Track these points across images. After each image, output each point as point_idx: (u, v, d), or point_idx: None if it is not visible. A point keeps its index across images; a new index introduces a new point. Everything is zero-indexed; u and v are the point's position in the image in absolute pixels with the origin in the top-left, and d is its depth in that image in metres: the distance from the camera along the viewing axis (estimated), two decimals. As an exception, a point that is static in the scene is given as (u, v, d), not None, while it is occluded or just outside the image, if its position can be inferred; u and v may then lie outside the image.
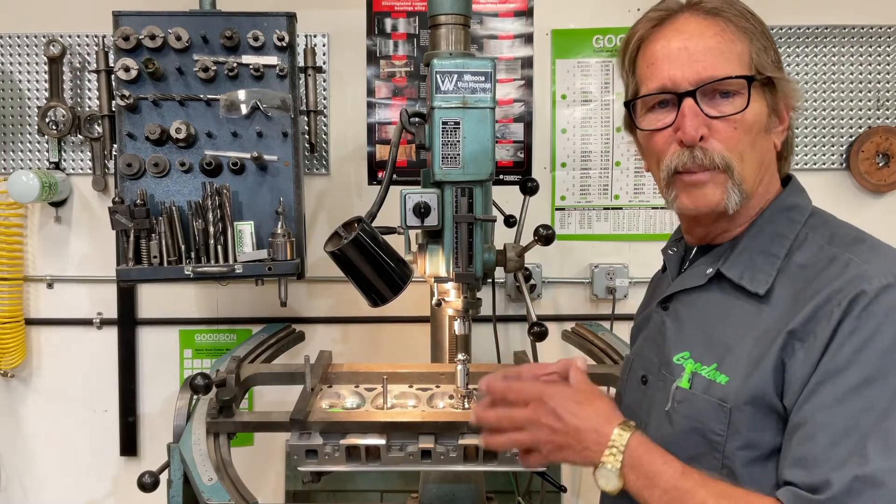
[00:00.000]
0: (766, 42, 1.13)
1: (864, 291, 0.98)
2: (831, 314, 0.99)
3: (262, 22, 2.05)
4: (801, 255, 1.09)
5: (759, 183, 1.15)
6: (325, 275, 2.52)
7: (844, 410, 0.95)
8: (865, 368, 0.95)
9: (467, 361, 1.82)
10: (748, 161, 1.11)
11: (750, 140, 1.11)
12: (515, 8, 2.59)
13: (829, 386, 0.97)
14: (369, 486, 2.53)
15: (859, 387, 0.95)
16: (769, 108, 1.13)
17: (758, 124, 1.12)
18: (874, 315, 0.96)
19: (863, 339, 0.96)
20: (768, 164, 1.17)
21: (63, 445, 2.69)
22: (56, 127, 2.50)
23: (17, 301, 2.59)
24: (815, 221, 1.14)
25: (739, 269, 1.13)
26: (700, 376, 1.12)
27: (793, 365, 1.01)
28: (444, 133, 1.69)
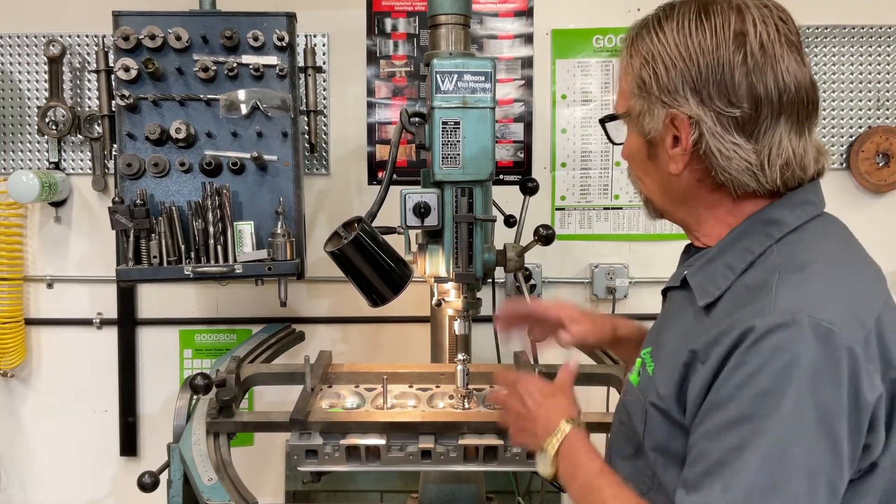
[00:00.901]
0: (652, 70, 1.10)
1: (755, 327, 0.96)
2: (724, 342, 0.99)
3: (261, 22, 2.05)
4: (753, 275, 1.07)
5: (672, 203, 1.19)
6: (325, 275, 2.52)
7: (719, 443, 0.97)
8: (742, 406, 0.95)
9: (467, 361, 1.82)
10: (646, 183, 1.22)
11: (638, 166, 1.22)
12: (515, 8, 2.59)
13: (711, 417, 0.99)
14: (369, 486, 2.53)
15: (735, 423, 0.95)
16: (646, 138, 1.15)
17: (634, 154, 1.21)
18: (760, 353, 0.95)
19: (745, 376, 0.95)
20: (670, 188, 1.16)
21: (63, 445, 2.69)
22: (56, 127, 2.50)
23: (17, 301, 2.59)
24: (792, 238, 1.08)
25: (699, 279, 1.13)
26: (646, 373, 1.17)
27: (691, 385, 1.03)
28: (444, 133, 1.69)
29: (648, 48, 1.11)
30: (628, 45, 1.17)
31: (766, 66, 1.05)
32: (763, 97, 1.05)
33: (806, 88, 1.08)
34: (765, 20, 1.06)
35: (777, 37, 1.06)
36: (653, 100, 1.11)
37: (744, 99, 1.05)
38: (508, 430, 1.40)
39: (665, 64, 1.09)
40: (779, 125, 1.07)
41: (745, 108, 1.05)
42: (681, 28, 1.08)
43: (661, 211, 1.23)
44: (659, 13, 1.13)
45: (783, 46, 1.06)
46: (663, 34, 1.10)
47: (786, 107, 1.06)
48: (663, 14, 1.12)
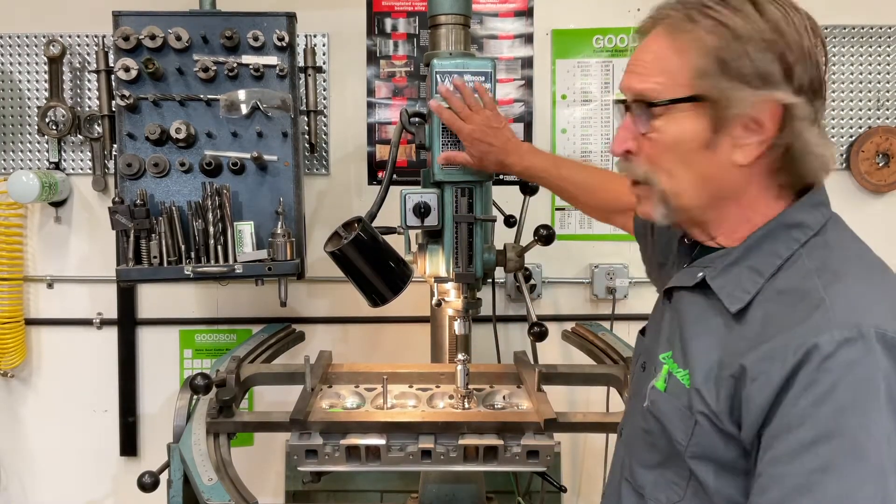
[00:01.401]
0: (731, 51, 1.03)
1: (821, 344, 0.93)
2: (785, 359, 0.95)
3: (261, 22, 2.05)
4: (784, 280, 1.04)
5: (711, 198, 1.10)
6: (325, 275, 2.52)
7: (795, 467, 0.93)
8: (819, 426, 0.92)
9: (467, 361, 1.82)
10: (679, 177, 1.08)
11: (675, 158, 1.08)
12: (515, 8, 2.59)
13: (783, 440, 0.95)
14: (369, 486, 2.53)
15: (813, 443, 0.92)
16: (712, 125, 1.05)
17: (683, 143, 1.07)
18: (831, 370, 0.92)
19: (819, 394, 0.92)
20: (720, 181, 1.08)
21: (63, 445, 2.69)
22: (56, 127, 2.50)
23: (17, 301, 2.59)
24: (818, 241, 1.07)
25: (722, 282, 1.10)
26: (675, 379, 1.11)
27: (746, 400, 0.99)
28: (444, 133, 1.69)
29: (728, 27, 1.02)
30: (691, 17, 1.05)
31: (826, 59, 1.07)
32: (824, 91, 1.06)
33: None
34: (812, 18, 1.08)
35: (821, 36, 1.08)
36: (738, 83, 1.02)
37: (822, 88, 1.05)
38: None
39: (758, 44, 1.02)
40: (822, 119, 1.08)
41: (823, 97, 1.05)
42: (761, 10, 1.03)
43: (681, 210, 1.11)
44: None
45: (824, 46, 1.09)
46: (744, 13, 1.03)
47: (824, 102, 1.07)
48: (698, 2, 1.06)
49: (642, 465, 1.18)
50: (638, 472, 1.18)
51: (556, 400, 1.81)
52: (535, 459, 1.67)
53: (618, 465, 1.27)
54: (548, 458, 1.67)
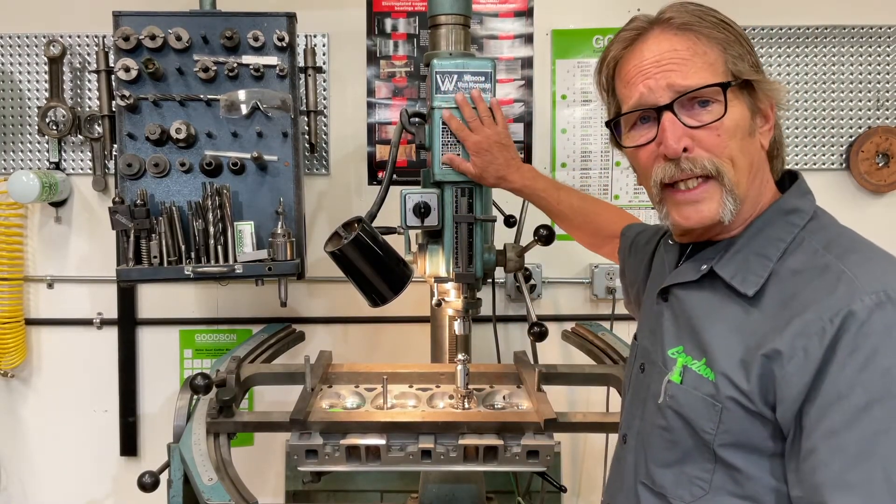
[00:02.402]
0: (742, 49, 1.13)
1: (856, 311, 0.96)
2: (823, 332, 0.97)
3: (262, 22, 2.05)
4: (795, 260, 1.08)
5: (752, 185, 1.15)
6: (325, 275, 2.52)
7: (854, 434, 0.94)
8: (870, 389, 0.94)
9: (467, 361, 1.82)
10: (739, 165, 1.11)
11: (736, 144, 1.11)
12: (515, 8, 2.59)
13: (835, 410, 0.96)
14: (369, 486, 2.53)
15: (867, 408, 0.94)
16: (750, 111, 1.13)
17: (741, 128, 1.12)
18: (871, 334, 0.95)
19: (863, 359, 0.95)
20: (759, 166, 1.16)
21: (63, 445, 2.70)
22: (56, 127, 2.50)
23: (17, 301, 2.59)
24: (814, 225, 1.12)
25: (732, 270, 1.13)
26: (691, 371, 1.13)
27: (782, 379, 1.00)
28: (444, 133, 1.69)
29: (729, 22, 1.15)
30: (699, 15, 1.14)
31: None
32: None
33: None
34: None
35: None
36: (754, 72, 1.13)
37: None
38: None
39: (745, 39, 1.15)
40: None
41: None
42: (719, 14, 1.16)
43: (741, 200, 1.13)
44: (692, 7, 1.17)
45: None
46: (726, 21, 1.15)
47: None
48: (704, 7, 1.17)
49: (660, 465, 1.17)
50: (656, 473, 1.18)
51: (556, 400, 1.81)
52: (535, 459, 1.67)
53: (629, 471, 1.25)
54: (548, 458, 1.67)
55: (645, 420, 1.22)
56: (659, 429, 1.17)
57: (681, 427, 1.13)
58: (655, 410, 1.18)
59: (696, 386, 1.11)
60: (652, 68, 1.14)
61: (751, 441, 1.06)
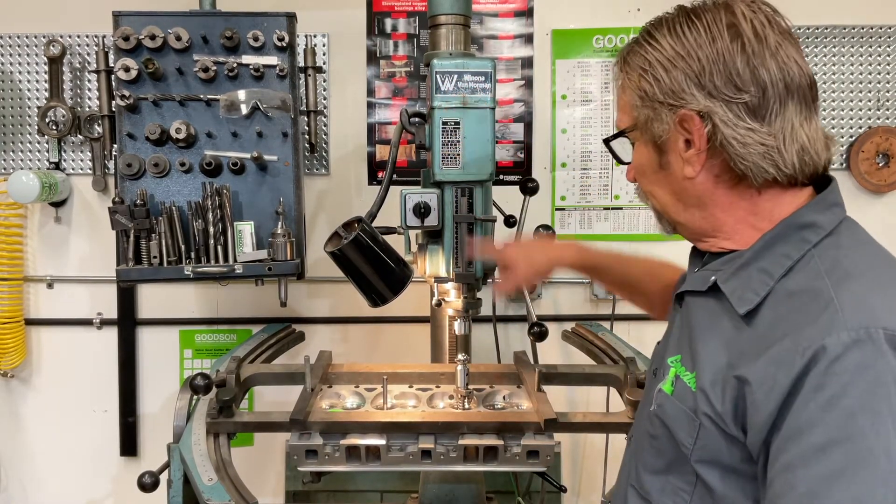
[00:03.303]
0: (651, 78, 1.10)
1: (828, 346, 0.92)
2: (793, 363, 0.94)
3: (262, 22, 2.05)
4: (795, 280, 1.04)
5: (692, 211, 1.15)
6: (325, 275, 2.52)
7: (807, 473, 0.92)
8: (830, 430, 0.91)
9: (467, 361, 1.82)
10: (659, 196, 1.20)
11: (648, 181, 1.21)
12: (515, 8, 2.59)
13: (794, 445, 0.94)
14: (369, 486, 2.53)
15: (824, 449, 0.91)
16: (655, 148, 1.15)
17: (645, 167, 1.19)
18: (841, 373, 0.91)
19: (828, 398, 0.91)
20: (686, 196, 1.14)
21: (63, 445, 2.70)
22: (56, 127, 2.50)
23: (17, 301, 2.59)
24: (829, 242, 1.06)
25: (733, 285, 1.10)
26: (681, 382, 1.12)
27: (752, 405, 0.98)
28: (444, 133, 1.69)
29: (643, 59, 1.12)
30: (621, 65, 1.18)
31: (765, 52, 1.06)
32: (768, 82, 1.05)
33: (808, 74, 1.08)
34: (754, 12, 1.08)
35: (769, 26, 1.08)
36: (657, 105, 1.11)
37: (749, 84, 1.05)
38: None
39: (664, 67, 1.09)
40: (787, 110, 1.06)
41: (752, 92, 1.05)
42: (673, 32, 1.10)
43: (676, 223, 1.20)
44: (647, 28, 1.15)
45: (778, 35, 1.08)
46: (656, 42, 1.11)
47: (792, 91, 1.06)
48: (651, 27, 1.14)
49: (648, 471, 1.18)
50: (644, 478, 1.18)
51: (556, 400, 1.81)
52: (535, 459, 1.67)
53: (625, 471, 1.27)
54: (548, 458, 1.67)
55: (640, 424, 1.23)
56: (649, 435, 1.18)
57: (666, 437, 1.13)
58: (647, 417, 1.19)
59: (682, 398, 1.10)
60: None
61: (725, 461, 1.05)
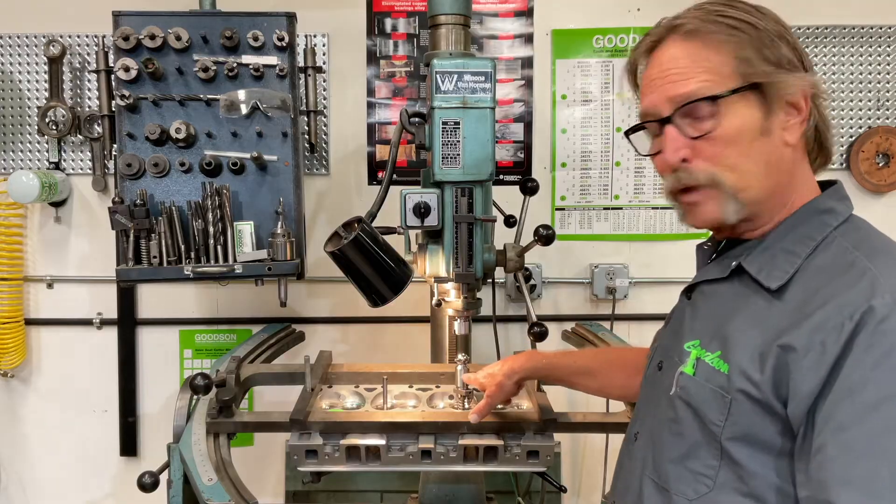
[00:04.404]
0: (762, 43, 1.12)
1: (876, 307, 0.96)
2: (842, 327, 0.97)
3: (261, 22, 2.05)
4: (823, 257, 1.09)
5: (773, 183, 1.14)
6: (325, 275, 2.52)
7: (863, 430, 0.94)
8: (883, 387, 0.94)
9: (467, 361, 1.82)
10: (743, 170, 1.13)
11: (739, 150, 1.12)
12: (515, 8, 2.59)
13: (846, 405, 0.96)
14: (369, 486, 2.53)
15: (878, 405, 0.94)
16: (763, 111, 1.12)
17: (745, 133, 1.12)
18: (888, 332, 0.95)
19: (878, 356, 0.94)
20: (778, 164, 1.14)
21: (63, 445, 2.70)
22: (56, 127, 2.50)
23: (17, 301, 2.59)
24: (847, 227, 1.12)
25: (759, 265, 1.13)
26: (704, 363, 1.13)
27: (797, 373, 1.00)
28: (444, 133, 1.69)
29: (751, 24, 1.12)
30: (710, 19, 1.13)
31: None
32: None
33: None
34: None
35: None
36: (775, 69, 1.11)
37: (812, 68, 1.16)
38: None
39: (777, 36, 1.13)
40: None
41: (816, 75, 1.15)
42: (756, 10, 1.15)
43: (753, 201, 1.14)
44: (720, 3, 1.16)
45: None
46: (753, 14, 1.14)
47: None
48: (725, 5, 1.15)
49: (667, 459, 1.17)
50: (663, 467, 1.18)
51: (556, 400, 1.81)
52: (535, 459, 1.67)
53: (636, 467, 1.26)
54: (548, 458, 1.67)
55: (657, 415, 1.23)
56: (668, 421, 1.18)
57: (689, 418, 1.13)
58: (667, 403, 1.19)
59: (708, 378, 1.11)
60: (657, 80, 1.16)
61: (758, 436, 1.06)
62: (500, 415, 1.80)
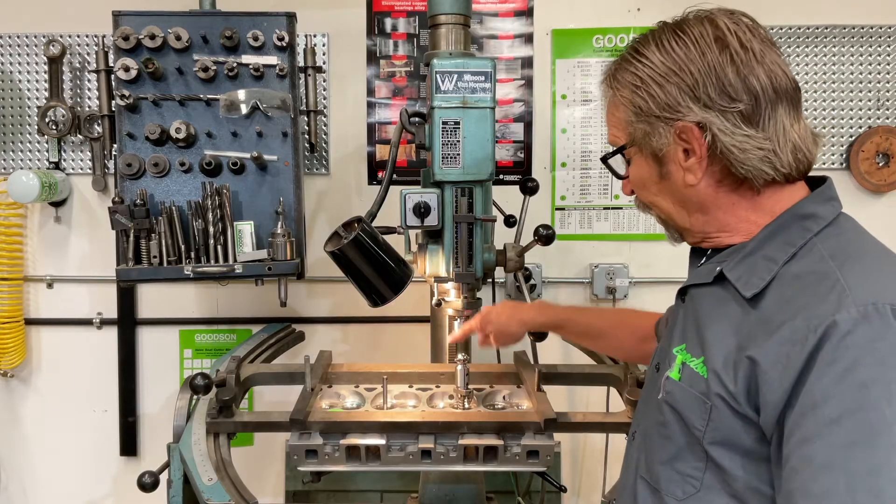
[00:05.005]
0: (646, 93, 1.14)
1: (839, 322, 0.96)
2: (805, 340, 0.98)
3: (261, 22, 2.05)
4: (799, 265, 1.09)
5: (698, 215, 1.19)
6: (325, 275, 2.52)
7: (823, 444, 0.95)
8: (844, 402, 0.94)
9: (467, 361, 1.82)
10: (662, 206, 1.23)
11: (651, 192, 1.23)
12: (515, 8, 2.59)
13: (809, 419, 0.96)
14: (369, 486, 2.53)
15: (839, 420, 0.94)
16: (656, 159, 1.17)
17: (647, 180, 1.21)
18: (852, 346, 0.95)
19: (841, 371, 0.95)
20: (690, 201, 1.18)
21: (63, 445, 2.70)
22: (56, 127, 2.50)
23: (17, 301, 2.59)
24: (830, 231, 1.12)
25: (739, 272, 1.14)
26: (689, 368, 1.15)
27: (764, 385, 1.01)
28: (444, 133, 1.69)
29: (635, 75, 1.15)
30: (610, 82, 1.21)
31: (752, 61, 1.10)
32: (758, 89, 1.10)
33: (792, 77, 1.14)
34: (737, 23, 1.13)
35: (752, 36, 1.12)
36: (653, 120, 1.14)
37: (742, 93, 1.09)
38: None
39: (658, 82, 1.13)
40: (778, 113, 1.11)
41: (745, 100, 1.09)
42: (661, 47, 1.14)
43: (682, 229, 1.24)
44: (633, 44, 1.18)
45: (761, 43, 1.12)
46: (645, 58, 1.15)
47: (780, 95, 1.11)
48: (638, 44, 1.17)
49: (658, 461, 1.20)
50: (654, 468, 1.20)
51: (556, 400, 1.81)
52: (535, 459, 1.67)
53: (632, 466, 1.28)
54: (548, 458, 1.67)
55: (649, 417, 1.25)
56: (658, 424, 1.20)
57: (675, 422, 1.16)
58: (656, 406, 1.21)
59: (692, 383, 1.13)
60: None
61: (738, 441, 1.07)
62: (500, 415, 1.80)
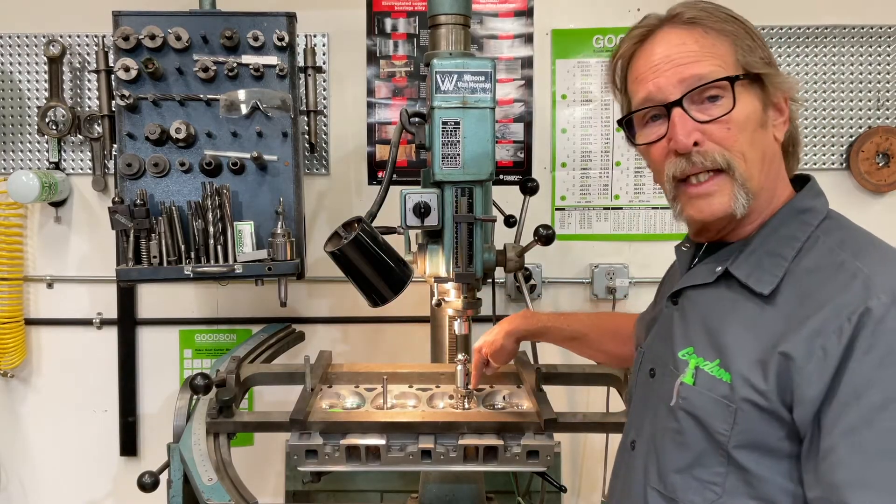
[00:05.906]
0: (752, 42, 1.14)
1: (872, 308, 0.97)
2: (841, 330, 0.98)
3: (261, 22, 2.05)
4: (810, 259, 1.09)
5: (766, 178, 1.15)
6: (325, 275, 2.52)
7: (872, 432, 0.95)
8: (887, 387, 0.95)
9: (467, 361, 1.82)
10: (750, 158, 1.12)
11: (747, 137, 1.12)
12: (515, 8, 2.59)
13: (851, 409, 0.96)
14: (369, 486, 2.53)
15: (884, 405, 0.94)
16: (762, 104, 1.14)
17: (751, 121, 1.12)
18: (887, 332, 0.96)
19: (880, 357, 0.95)
20: (772, 159, 1.16)
21: (63, 445, 2.69)
22: (56, 127, 2.50)
23: (17, 301, 2.59)
24: (829, 225, 1.13)
25: (747, 269, 1.13)
26: (703, 372, 1.13)
27: (801, 380, 1.00)
28: (444, 133, 1.69)
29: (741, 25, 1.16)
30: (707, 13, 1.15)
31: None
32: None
33: None
34: None
35: None
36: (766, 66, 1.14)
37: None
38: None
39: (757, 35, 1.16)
40: None
41: None
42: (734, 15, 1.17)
43: (754, 194, 1.13)
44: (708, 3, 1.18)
45: None
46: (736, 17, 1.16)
47: None
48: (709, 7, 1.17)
49: (672, 470, 1.16)
50: (668, 478, 1.17)
51: (556, 400, 1.81)
52: (535, 459, 1.67)
53: (638, 476, 1.24)
54: (548, 458, 1.67)
55: (656, 424, 1.21)
56: (671, 431, 1.17)
57: (693, 429, 1.13)
58: (667, 413, 1.18)
59: (710, 387, 1.11)
60: (661, 64, 1.14)
61: (765, 442, 1.06)
62: (500, 415, 1.80)
